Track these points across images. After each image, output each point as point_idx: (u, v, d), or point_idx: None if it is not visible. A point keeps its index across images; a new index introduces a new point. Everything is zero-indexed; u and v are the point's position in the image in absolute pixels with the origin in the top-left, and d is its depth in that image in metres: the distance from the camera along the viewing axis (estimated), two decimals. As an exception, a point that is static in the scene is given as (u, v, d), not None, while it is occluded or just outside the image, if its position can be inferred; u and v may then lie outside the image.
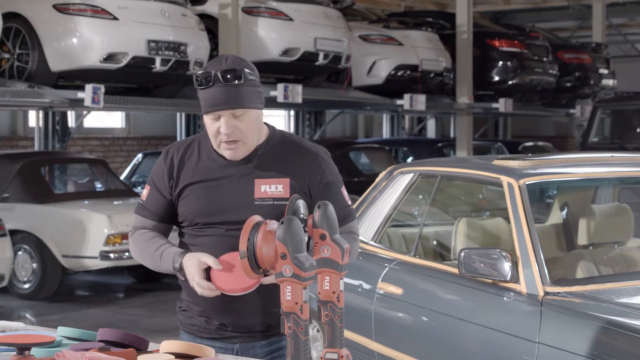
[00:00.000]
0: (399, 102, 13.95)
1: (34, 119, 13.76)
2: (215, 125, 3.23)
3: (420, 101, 13.81)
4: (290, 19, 12.23)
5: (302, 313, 2.78)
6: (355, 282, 5.80)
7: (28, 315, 10.17)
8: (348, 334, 5.79)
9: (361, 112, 18.12)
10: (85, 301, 11.13)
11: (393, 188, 5.93)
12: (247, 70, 3.22)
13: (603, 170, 5.46)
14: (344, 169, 13.27)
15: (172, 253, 3.27)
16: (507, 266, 4.60)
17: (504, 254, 4.62)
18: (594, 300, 4.38)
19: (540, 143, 18.73)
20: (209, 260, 3.15)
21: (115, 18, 10.29)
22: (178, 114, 14.85)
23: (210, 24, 11.93)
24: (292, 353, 2.79)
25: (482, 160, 5.52)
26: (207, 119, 3.24)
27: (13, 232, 10.49)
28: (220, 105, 3.18)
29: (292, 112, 17.01)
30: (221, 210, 3.27)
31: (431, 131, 21.04)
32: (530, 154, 5.93)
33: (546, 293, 4.49)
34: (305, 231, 2.95)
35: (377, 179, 6.17)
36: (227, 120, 3.20)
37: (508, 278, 4.61)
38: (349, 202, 3.40)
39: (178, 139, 15.70)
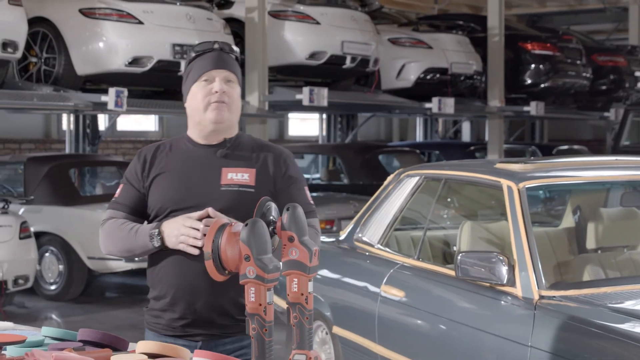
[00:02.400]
0: (427, 105, 13.92)
1: (66, 122, 13.91)
2: (208, 87, 3.42)
3: (449, 104, 13.77)
4: (317, 23, 12.26)
5: (265, 314, 2.80)
6: (361, 285, 5.82)
7: (54, 316, 10.30)
8: (353, 336, 5.81)
9: (389, 116, 18.11)
10: (111, 303, 11.24)
11: (399, 191, 5.93)
12: (238, 55, 3.52)
13: (605, 173, 5.42)
14: (373, 172, 13.29)
15: (149, 226, 3.39)
16: (504, 270, 4.60)
17: (500, 257, 4.61)
18: (587, 305, 4.36)
19: (575, 146, 18.61)
20: (193, 215, 3.29)
21: (140, 22, 10.37)
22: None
23: (237, 27, 11.98)
24: (257, 354, 2.81)
25: (486, 164, 5.50)
26: (198, 86, 3.43)
27: (40, 234, 10.62)
28: (219, 65, 3.42)
29: (324, 116, 17.05)
30: (189, 196, 3.39)
31: (466, 134, 20.96)
32: (532, 157, 5.90)
33: (541, 297, 4.48)
34: (275, 233, 2.99)
35: (385, 182, 6.19)
36: (221, 80, 3.42)
37: (504, 281, 4.60)
38: (312, 202, 3.53)
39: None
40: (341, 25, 12.44)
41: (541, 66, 16.07)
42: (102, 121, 14.99)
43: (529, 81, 16.20)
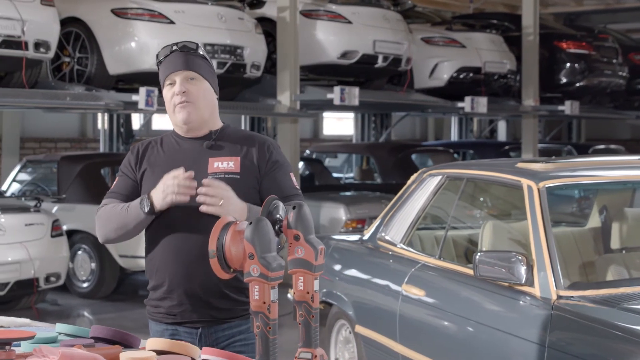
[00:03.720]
0: (460, 104, 13.87)
1: (101, 121, 14.03)
2: (171, 91, 3.54)
3: (482, 103, 13.71)
4: (349, 22, 12.26)
5: (269, 312, 2.81)
6: (383, 284, 5.82)
7: (86, 314, 10.39)
8: (375, 335, 5.82)
9: (423, 115, 18.05)
10: (143, 301, 11.29)
11: (422, 190, 5.93)
12: (201, 49, 3.58)
13: (627, 173, 5.38)
14: (405, 171, 13.24)
15: (139, 199, 3.51)
16: (522, 269, 4.58)
17: (519, 257, 4.59)
18: (605, 305, 4.33)
19: (612, 146, 18.46)
20: (177, 172, 3.42)
21: (171, 22, 10.43)
22: (243, 117, 15.00)
23: (269, 27, 12.02)
24: (261, 352, 2.82)
25: (507, 163, 5.48)
26: (165, 90, 3.56)
27: (73, 232, 10.73)
28: (177, 67, 3.51)
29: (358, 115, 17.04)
30: None
31: (502, 134, 20.85)
32: (554, 157, 5.88)
33: (559, 297, 4.46)
34: (281, 232, 3.00)
35: (409, 182, 6.19)
36: (181, 81, 3.52)
37: (523, 281, 4.59)
38: (297, 186, 3.64)
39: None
40: (373, 25, 12.43)
41: (576, 65, 15.95)
42: (137, 120, 15.09)
43: (564, 80, 16.09)
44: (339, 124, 21.02)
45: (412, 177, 6.15)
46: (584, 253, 5.64)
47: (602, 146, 17.86)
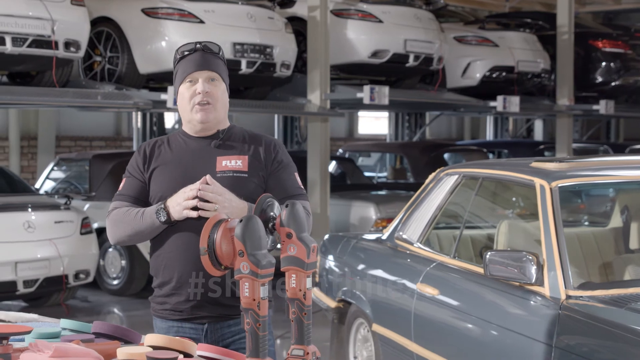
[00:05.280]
0: (492, 103, 13.82)
1: (134, 119, 14.13)
2: (192, 89, 3.59)
3: (514, 103, 13.64)
4: (380, 21, 12.26)
5: (259, 309, 2.84)
6: (399, 283, 5.83)
7: (116, 310, 10.50)
8: (391, 334, 5.83)
9: (458, 114, 17.98)
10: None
11: (439, 190, 5.93)
12: (222, 51, 3.68)
13: (642, 173, 5.35)
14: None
15: (154, 205, 3.55)
16: (532, 269, 4.57)
17: (529, 256, 4.58)
18: (614, 305, 4.31)
19: (648, 145, 18.30)
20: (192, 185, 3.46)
21: (201, 21, 10.50)
22: (276, 116, 15.06)
23: (300, 26, 12.05)
24: (251, 348, 2.86)
25: (522, 162, 5.47)
26: (184, 87, 3.62)
27: (103, 230, 10.81)
28: (201, 66, 3.57)
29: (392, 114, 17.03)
30: (187, 184, 3.53)
31: (538, 133, 20.73)
32: (568, 156, 5.85)
33: (568, 297, 4.44)
34: (274, 230, 3.04)
35: (427, 181, 6.19)
36: (204, 81, 3.58)
37: (533, 281, 4.58)
38: (301, 186, 3.70)
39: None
40: (404, 24, 12.42)
41: (612, 64, 15.82)
42: (171, 119, 15.19)
43: (599, 79, 15.97)
44: (376, 123, 21.00)
45: (430, 177, 6.16)
46: (603, 253, 5.61)
47: (638, 146, 17.69)
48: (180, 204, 3.46)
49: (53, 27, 9.27)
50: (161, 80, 11.05)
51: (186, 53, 3.62)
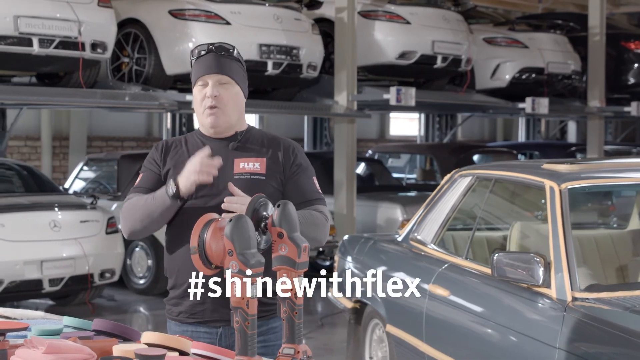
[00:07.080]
0: (520, 105, 13.78)
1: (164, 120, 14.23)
2: (203, 92, 3.56)
3: (543, 104, 13.59)
4: (408, 22, 12.27)
5: (248, 308, 2.87)
6: (411, 283, 5.83)
7: (142, 309, 10.58)
8: (404, 335, 5.84)
9: (489, 116, 17.95)
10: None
11: (453, 191, 5.94)
12: (237, 51, 3.61)
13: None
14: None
15: (164, 187, 3.50)
16: (539, 271, 4.56)
17: (536, 258, 4.58)
18: (617, 307, 4.30)
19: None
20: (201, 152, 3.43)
21: (227, 23, 10.56)
22: (305, 117, 15.11)
23: (327, 27, 12.09)
24: (240, 346, 2.89)
25: (534, 164, 5.46)
26: (196, 89, 3.59)
27: (130, 230, 10.90)
28: (211, 69, 3.54)
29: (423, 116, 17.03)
30: (203, 184, 3.48)
31: (572, 135, 20.61)
32: (580, 158, 5.84)
33: (574, 299, 4.44)
34: (267, 229, 3.06)
35: (442, 182, 6.20)
36: (213, 84, 3.54)
37: (540, 282, 4.57)
38: (319, 190, 3.64)
39: (305, 140, 15.97)
40: (432, 25, 12.42)
41: (644, 66, 15.73)
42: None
43: (631, 81, 15.87)
44: (408, 124, 20.96)
45: (445, 178, 6.17)
46: (621, 255, 5.59)
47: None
48: (188, 173, 3.42)
49: (80, 28, 9.38)
50: (188, 82, 11.11)
51: (199, 54, 3.59)
